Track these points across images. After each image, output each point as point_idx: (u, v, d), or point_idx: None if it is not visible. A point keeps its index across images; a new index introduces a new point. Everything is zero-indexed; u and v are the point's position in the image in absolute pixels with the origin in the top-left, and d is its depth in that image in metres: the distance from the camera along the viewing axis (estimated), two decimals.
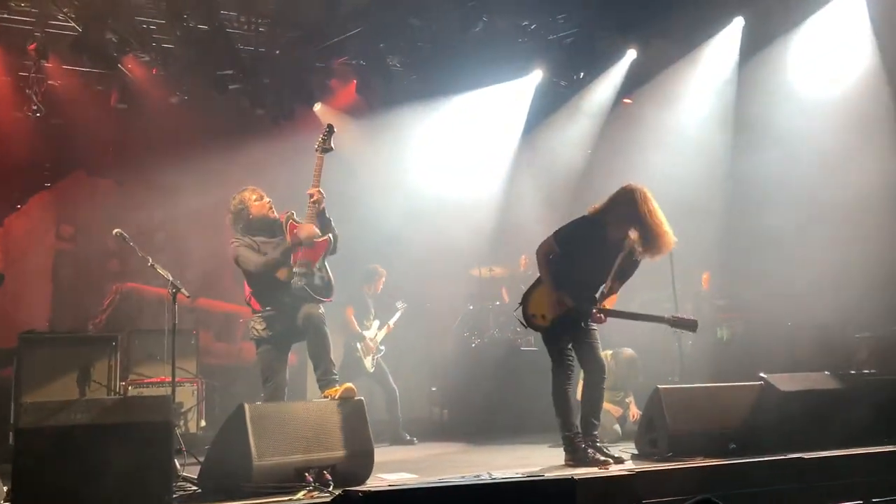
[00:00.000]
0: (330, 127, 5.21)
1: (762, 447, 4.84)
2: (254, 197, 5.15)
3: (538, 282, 5.04)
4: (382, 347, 7.53)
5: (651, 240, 4.74)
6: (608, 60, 9.11)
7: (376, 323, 7.60)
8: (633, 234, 4.85)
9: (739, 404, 5.13)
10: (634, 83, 9.32)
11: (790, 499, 4.46)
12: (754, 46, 8.47)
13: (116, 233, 5.07)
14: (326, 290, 5.01)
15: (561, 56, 8.85)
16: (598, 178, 9.08)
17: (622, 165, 8.71)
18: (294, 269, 4.90)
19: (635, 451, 5.15)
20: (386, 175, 8.95)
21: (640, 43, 8.89)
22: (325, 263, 5.12)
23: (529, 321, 5.08)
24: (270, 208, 5.15)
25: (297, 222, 5.07)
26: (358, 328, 7.36)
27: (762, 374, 5.37)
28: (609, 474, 4.27)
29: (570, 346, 4.94)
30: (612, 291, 4.96)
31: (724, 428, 4.97)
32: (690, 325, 4.86)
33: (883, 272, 7.15)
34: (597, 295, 4.94)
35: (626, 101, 9.52)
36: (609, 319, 4.96)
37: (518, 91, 9.45)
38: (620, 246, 4.86)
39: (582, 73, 9.26)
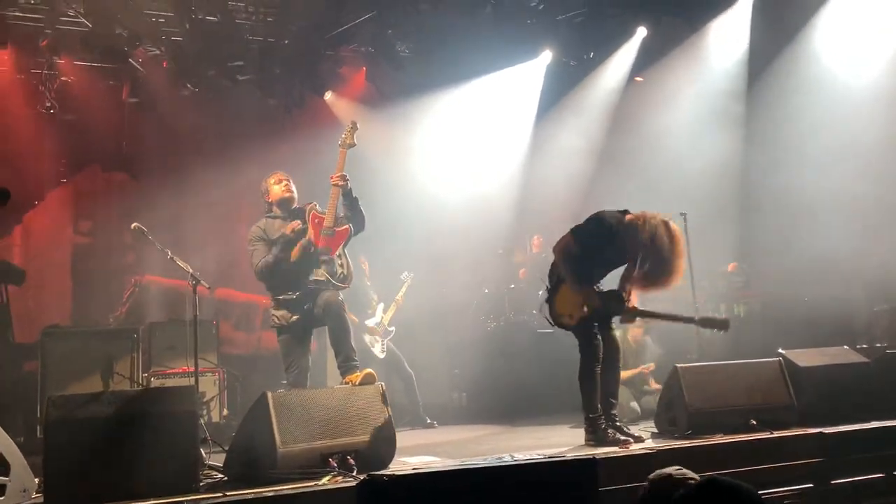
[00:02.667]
0: (353, 124, 5.29)
1: (782, 423, 4.85)
2: (273, 181, 5.27)
3: (560, 280, 4.95)
4: (392, 329, 7.49)
5: (651, 273, 4.62)
6: (618, 39, 9.06)
7: (380, 307, 7.55)
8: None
9: (758, 381, 5.12)
10: (646, 61, 9.26)
11: (812, 474, 4.47)
12: (767, 23, 8.38)
13: (135, 227, 5.12)
14: (346, 277, 5.09)
15: (570, 36, 8.80)
16: (614, 157, 9.06)
17: (636, 144, 8.68)
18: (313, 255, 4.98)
19: (655, 430, 5.17)
20: (400, 161, 8.96)
21: (650, 21, 8.82)
22: (345, 251, 5.19)
23: (557, 321, 4.99)
24: (287, 192, 5.20)
25: (319, 213, 5.15)
26: (356, 319, 7.17)
27: (781, 351, 5.36)
28: (629, 453, 4.30)
29: (597, 326, 4.88)
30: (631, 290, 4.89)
31: (743, 405, 4.97)
32: (722, 324, 4.74)
33: None
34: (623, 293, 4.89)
35: (637, 79, 9.45)
36: None
37: (529, 73, 9.41)
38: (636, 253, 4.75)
39: (592, 53, 9.21)
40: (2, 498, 3.59)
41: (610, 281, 5.09)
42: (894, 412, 5.11)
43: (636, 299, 4.94)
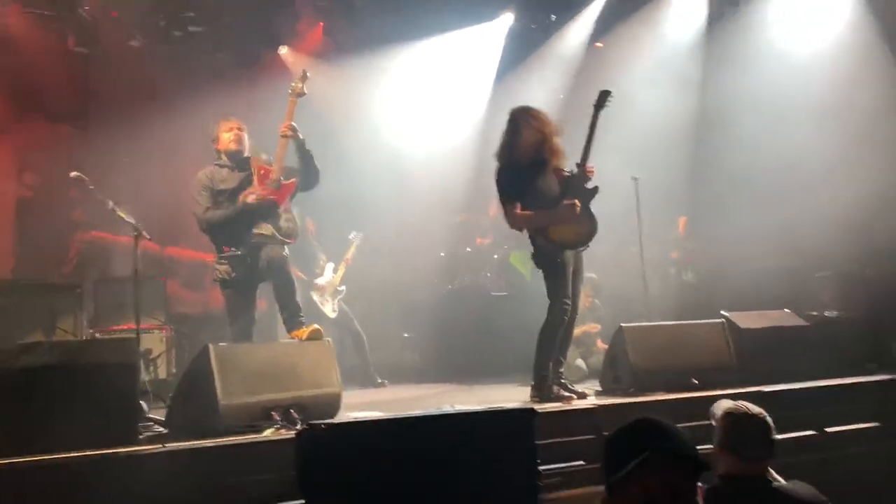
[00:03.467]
0: (304, 72, 5.20)
1: (723, 382, 4.97)
2: (223, 129, 5.19)
3: (543, 221, 4.82)
4: (342, 288, 7.43)
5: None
6: (580, 4, 9.01)
7: (329, 266, 7.48)
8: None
9: (701, 341, 5.24)
10: (607, 25, 9.23)
11: None
12: None
13: (75, 176, 4.97)
14: (291, 232, 5.03)
15: None
16: (571, 121, 9.04)
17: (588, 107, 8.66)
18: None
19: (599, 388, 5.27)
20: (355, 120, 8.83)
21: None
22: (291, 206, 5.12)
23: (565, 245, 4.81)
24: (235, 141, 5.12)
25: (266, 164, 5.06)
26: (303, 276, 7.16)
27: (723, 313, 5.48)
28: (571, 407, 4.37)
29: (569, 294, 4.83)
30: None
31: (685, 364, 5.08)
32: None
33: (848, 216, 7.26)
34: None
35: (598, 45, 9.43)
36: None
37: (490, 35, 9.32)
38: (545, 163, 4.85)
39: (553, 16, 9.15)
40: None
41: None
42: (830, 373, 5.29)
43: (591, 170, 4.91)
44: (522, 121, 4.86)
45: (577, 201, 4.77)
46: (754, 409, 2.78)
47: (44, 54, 8.21)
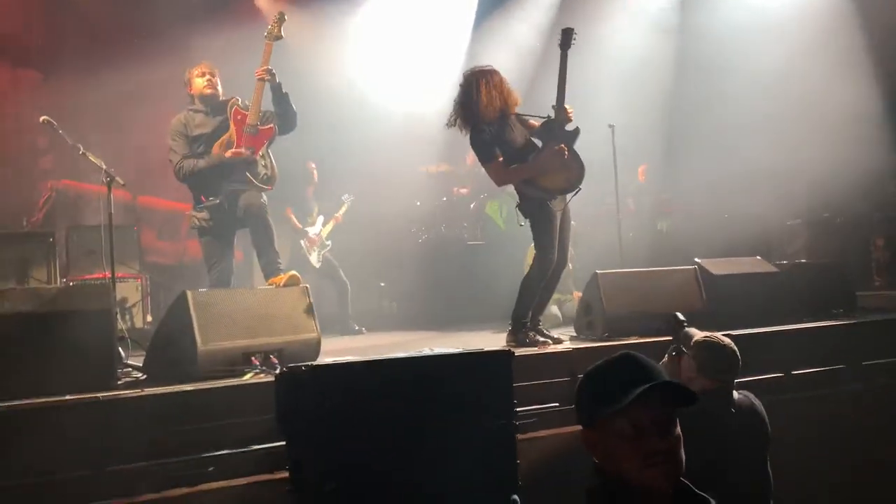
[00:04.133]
0: (281, 14, 5.09)
1: (695, 327, 5.05)
2: (196, 73, 5.10)
3: (533, 171, 4.82)
4: (329, 242, 7.54)
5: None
6: None
7: (320, 219, 7.58)
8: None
9: (674, 287, 5.32)
10: None
11: None
12: None
13: (44, 120, 4.87)
14: (269, 179, 4.99)
15: None
16: (550, 66, 8.97)
17: (573, 52, 8.59)
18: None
19: (574, 334, 5.36)
20: (330, 67, 8.67)
21: None
22: (269, 151, 5.08)
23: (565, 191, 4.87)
24: (208, 86, 5.05)
25: (242, 109, 4.99)
26: (299, 225, 7.36)
27: (696, 260, 5.57)
28: (546, 351, 4.45)
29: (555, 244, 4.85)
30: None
31: (658, 310, 5.14)
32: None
33: (820, 168, 7.36)
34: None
35: None
36: None
37: None
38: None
39: None
40: None
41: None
42: (798, 318, 5.42)
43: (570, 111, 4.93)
44: (477, 80, 4.82)
45: (563, 146, 4.77)
46: (724, 339, 3.31)
47: None
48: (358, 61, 8.85)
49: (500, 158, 4.81)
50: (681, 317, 3.61)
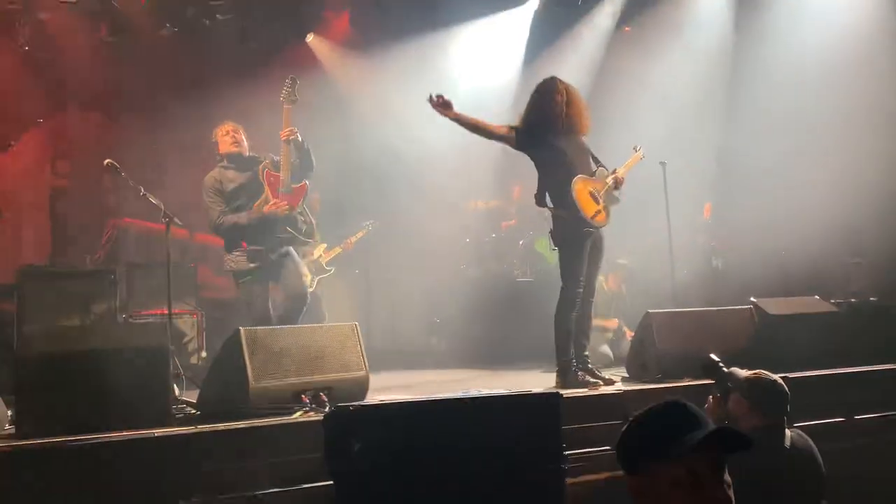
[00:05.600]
0: (293, 79, 5.35)
1: (751, 369, 4.92)
2: (221, 133, 5.33)
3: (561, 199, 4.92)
4: (329, 269, 7.44)
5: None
6: None
7: (322, 246, 7.48)
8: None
9: (729, 328, 5.21)
10: (635, 9, 9.14)
11: None
12: None
13: (107, 163, 5.08)
14: (310, 232, 5.29)
15: None
16: (599, 105, 8.99)
17: (623, 93, 8.61)
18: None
19: (626, 375, 5.26)
20: (381, 107, 8.85)
21: None
22: (305, 207, 5.31)
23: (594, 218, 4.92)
24: (234, 145, 5.28)
25: (273, 171, 5.23)
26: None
27: (752, 299, 5.44)
28: (597, 392, 4.38)
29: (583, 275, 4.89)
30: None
31: (714, 351, 5.02)
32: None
33: (880, 200, 7.15)
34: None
35: (626, 28, 9.34)
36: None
37: (516, 20, 9.27)
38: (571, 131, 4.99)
39: (580, 0, 9.09)
40: None
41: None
42: (859, 359, 5.22)
43: (623, 172, 5.11)
44: (548, 89, 4.98)
45: (619, 175, 5.01)
46: (773, 375, 3.30)
47: (76, 44, 8.35)
48: (407, 101, 9.00)
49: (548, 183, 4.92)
50: (715, 358, 3.56)
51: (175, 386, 4.27)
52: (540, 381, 5.40)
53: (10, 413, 3.89)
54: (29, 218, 8.49)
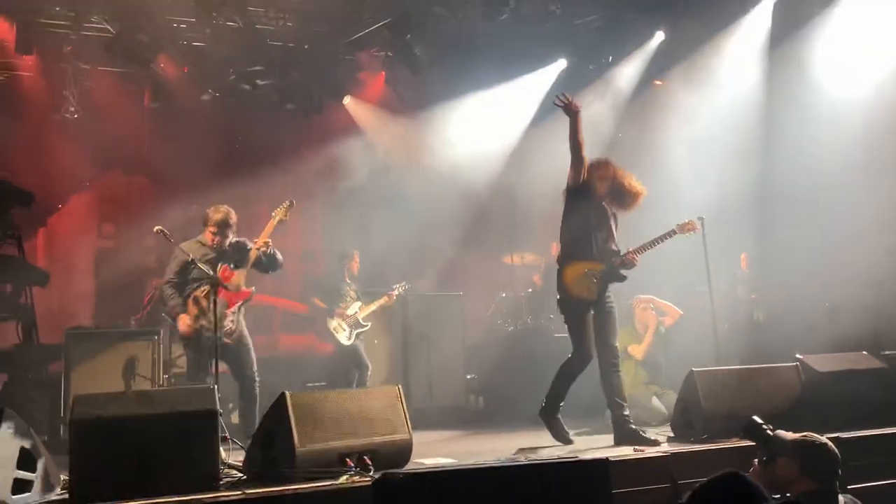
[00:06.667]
0: (291, 202, 5.76)
1: (799, 428, 4.82)
2: (210, 223, 5.65)
3: (567, 258, 5.32)
4: (366, 325, 7.54)
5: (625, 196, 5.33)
6: (636, 43, 9.07)
7: (356, 304, 7.57)
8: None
9: (776, 385, 5.11)
10: (663, 65, 9.25)
11: None
12: (787, 22, 8.36)
13: (157, 230, 5.23)
14: (231, 333, 5.52)
15: (588, 40, 8.84)
16: (628, 160, 9.04)
17: (652, 147, 8.66)
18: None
19: (671, 434, 5.18)
20: (416, 165, 9.03)
21: (668, 24, 8.83)
22: (240, 310, 5.63)
23: (580, 300, 5.24)
24: (213, 240, 5.62)
25: (231, 270, 5.55)
26: (324, 305, 7.47)
27: (798, 356, 5.35)
28: (643, 455, 4.32)
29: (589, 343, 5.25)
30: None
31: (760, 409, 4.94)
32: (691, 226, 5.52)
33: None
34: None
35: (657, 82, 9.44)
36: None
37: (544, 78, 9.44)
38: (605, 206, 5.38)
39: (610, 57, 9.24)
40: (28, 493, 3.66)
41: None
42: None
43: (637, 259, 5.34)
44: (599, 166, 5.40)
45: (635, 256, 5.27)
46: (821, 437, 3.21)
47: (121, 110, 8.70)
48: (442, 160, 9.17)
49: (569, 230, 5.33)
50: (758, 420, 3.48)
51: (221, 449, 4.29)
52: (582, 442, 5.33)
53: (62, 477, 3.95)
54: (74, 279, 8.72)
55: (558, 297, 5.35)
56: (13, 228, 7.42)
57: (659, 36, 8.93)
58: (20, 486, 3.63)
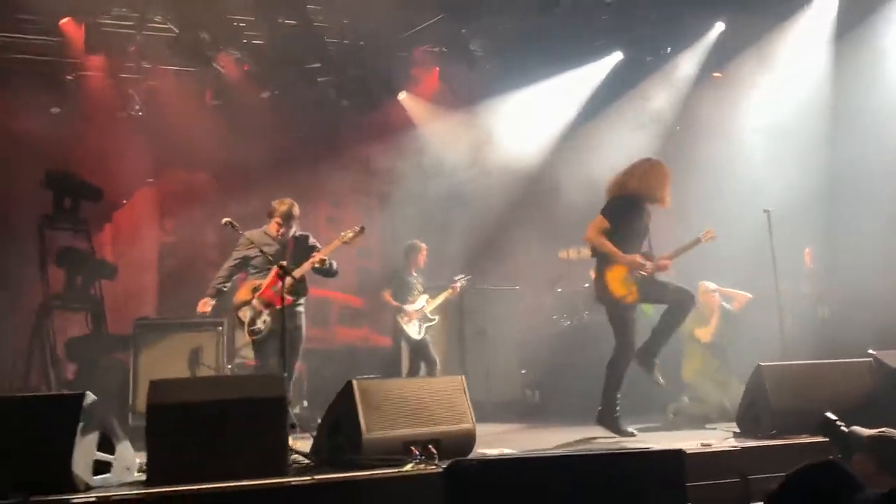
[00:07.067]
0: (362, 228, 5.83)
1: (873, 424, 4.67)
2: (276, 214, 5.81)
3: (601, 264, 5.43)
4: (434, 318, 7.58)
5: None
6: (695, 34, 8.91)
7: (423, 297, 7.61)
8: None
9: (847, 381, 4.97)
10: (723, 56, 9.07)
11: None
12: (856, 9, 8.10)
13: (226, 221, 5.35)
14: (258, 332, 5.65)
15: (646, 32, 8.72)
16: (686, 153, 8.90)
17: (711, 141, 8.50)
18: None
19: (737, 430, 5.08)
20: (471, 159, 9.03)
21: (728, 15, 8.65)
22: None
23: (620, 300, 5.37)
24: (277, 231, 5.79)
25: (282, 271, 5.44)
26: (395, 303, 7.49)
27: (871, 351, 5.19)
28: (715, 449, 4.25)
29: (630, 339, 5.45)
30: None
31: (830, 405, 4.80)
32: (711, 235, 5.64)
33: None
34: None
35: (716, 74, 9.26)
36: None
37: (600, 70, 9.35)
38: (647, 212, 5.51)
39: (669, 48, 9.09)
40: (108, 475, 3.79)
41: None
42: None
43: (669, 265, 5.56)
44: (641, 167, 5.49)
45: (649, 268, 5.37)
46: None
47: (183, 108, 8.89)
48: (495, 151, 9.15)
49: (607, 224, 5.34)
50: (832, 416, 3.39)
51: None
52: (644, 438, 5.27)
53: (137, 460, 4.07)
54: (139, 272, 8.96)
55: (597, 295, 5.52)
56: (83, 223, 7.69)
57: (719, 27, 8.76)
58: (100, 468, 3.76)
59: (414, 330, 7.46)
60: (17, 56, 8.19)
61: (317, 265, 5.64)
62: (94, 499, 3.34)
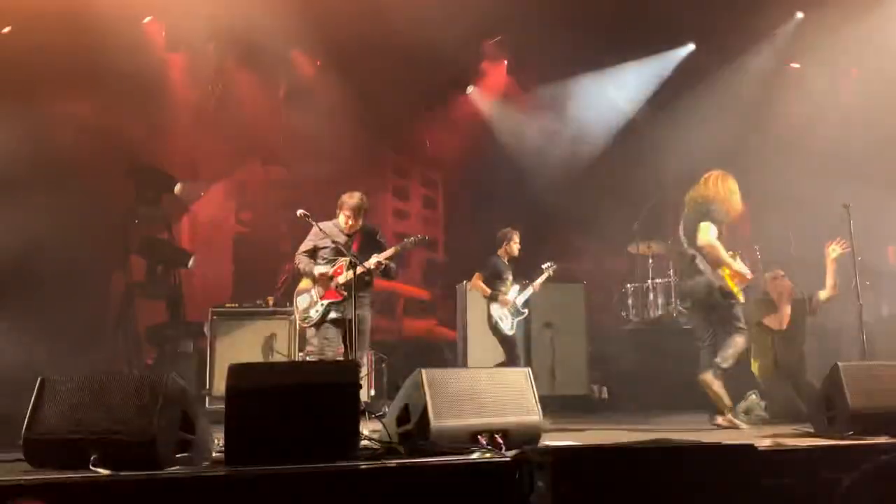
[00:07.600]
0: (425, 237, 5.99)
1: None
2: (345, 207, 5.86)
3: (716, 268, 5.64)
4: (525, 311, 7.20)
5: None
6: (772, 24, 8.67)
7: (515, 287, 7.23)
8: None
9: None
10: (800, 47, 8.80)
11: None
12: None
13: (301, 213, 5.51)
14: (309, 320, 5.78)
15: (720, 22, 8.53)
16: (761, 146, 8.67)
17: (788, 133, 8.27)
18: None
19: (811, 430, 4.95)
20: (538, 151, 9.01)
21: (804, 4, 8.39)
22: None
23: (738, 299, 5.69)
24: (347, 225, 5.83)
25: (346, 267, 5.58)
26: (487, 289, 7.10)
27: None
28: (788, 446, 4.16)
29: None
30: None
31: None
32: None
33: None
34: None
35: (794, 65, 8.98)
36: None
37: (669, 61, 9.20)
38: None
39: (743, 39, 8.87)
40: (189, 454, 3.96)
41: None
42: None
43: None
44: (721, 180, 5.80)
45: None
46: None
47: (259, 104, 9.17)
48: (562, 141, 9.11)
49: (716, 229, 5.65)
50: None
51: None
52: (710, 435, 5.19)
53: (216, 440, 4.24)
54: (215, 261, 9.30)
55: (724, 291, 5.65)
56: (164, 214, 8.03)
57: (797, 17, 8.50)
58: (182, 446, 3.94)
59: (507, 325, 7.03)
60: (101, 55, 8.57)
61: (372, 267, 5.69)
62: (176, 476, 3.51)
